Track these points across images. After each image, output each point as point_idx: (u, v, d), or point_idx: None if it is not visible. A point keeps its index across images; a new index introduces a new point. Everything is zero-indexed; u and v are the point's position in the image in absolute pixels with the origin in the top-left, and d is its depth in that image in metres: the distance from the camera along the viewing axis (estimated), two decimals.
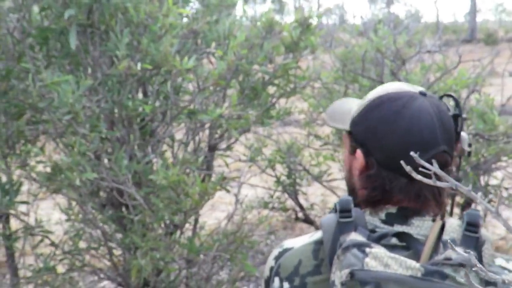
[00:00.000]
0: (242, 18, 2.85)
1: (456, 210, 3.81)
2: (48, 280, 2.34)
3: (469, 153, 1.82)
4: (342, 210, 0.91)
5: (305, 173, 3.86)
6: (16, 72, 2.38)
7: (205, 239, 2.60)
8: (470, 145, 1.76)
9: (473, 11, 29.77)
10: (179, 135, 2.95)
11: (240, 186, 2.68)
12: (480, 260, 0.87)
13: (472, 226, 0.88)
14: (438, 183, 0.70)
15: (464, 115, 1.64)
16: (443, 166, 0.92)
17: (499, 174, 3.81)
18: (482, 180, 3.20)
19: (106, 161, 2.30)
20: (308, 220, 4.56)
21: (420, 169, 0.90)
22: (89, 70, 2.27)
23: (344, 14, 53.30)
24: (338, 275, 0.83)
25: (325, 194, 5.25)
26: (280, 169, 4.26)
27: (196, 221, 2.83)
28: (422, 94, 0.96)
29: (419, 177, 0.69)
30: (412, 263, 0.82)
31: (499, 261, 0.93)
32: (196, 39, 2.66)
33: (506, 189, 3.58)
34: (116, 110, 2.32)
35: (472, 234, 0.88)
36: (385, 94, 0.98)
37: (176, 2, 2.53)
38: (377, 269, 0.82)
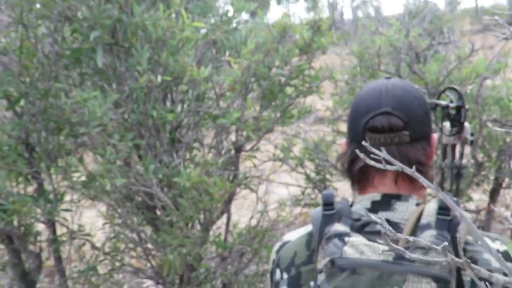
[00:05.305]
0: (259, 24, 2.98)
1: (485, 197, 3.80)
2: (91, 280, 2.55)
3: (472, 142, 1.90)
4: (325, 204, 1.00)
5: (333, 169, 3.95)
6: (54, 91, 2.61)
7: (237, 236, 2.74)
8: (472, 135, 1.85)
9: None
10: (210, 139, 3.12)
11: (265, 184, 2.81)
12: (453, 241, 0.94)
13: (444, 210, 0.95)
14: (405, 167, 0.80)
15: (467, 106, 1.73)
16: (391, 127, 0.99)
17: None
18: (507, 165, 3.21)
19: (139, 167, 2.49)
20: None
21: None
22: (116, 85, 2.46)
23: (380, 6, 52.44)
24: (322, 263, 0.93)
25: None
26: (311, 166, 4.36)
27: (229, 219, 2.99)
28: (387, 78, 1.07)
29: (372, 162, 0.79)
30: (385, 248, 0.92)
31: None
32: (216, 48, 2.82)
33: None
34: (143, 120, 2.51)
35: (444, 217, 0.95)
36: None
37: (193, 16, 2.70)
38: (353, 256, 0.91)
